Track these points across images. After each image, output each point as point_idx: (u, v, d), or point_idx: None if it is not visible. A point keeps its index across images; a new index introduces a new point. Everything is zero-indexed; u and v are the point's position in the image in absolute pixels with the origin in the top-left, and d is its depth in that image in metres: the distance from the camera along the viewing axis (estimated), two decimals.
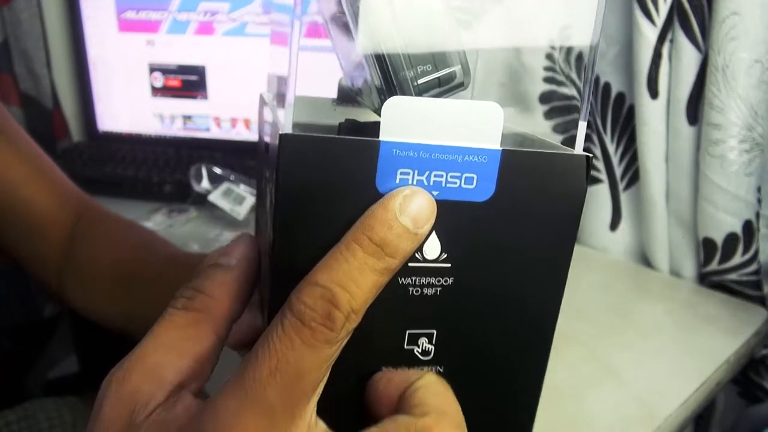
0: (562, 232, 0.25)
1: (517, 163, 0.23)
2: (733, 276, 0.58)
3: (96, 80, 0.96)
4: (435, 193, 0.23)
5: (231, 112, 0.94)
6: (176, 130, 0.97)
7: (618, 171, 0.67)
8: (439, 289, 0.24)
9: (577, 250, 0.79)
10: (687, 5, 0.53)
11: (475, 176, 0.23)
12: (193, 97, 0.94)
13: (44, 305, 1.04)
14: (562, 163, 0.24)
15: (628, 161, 0.66)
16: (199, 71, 0.93)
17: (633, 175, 0.66)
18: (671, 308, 0.59)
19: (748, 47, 0.50)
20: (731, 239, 0.57)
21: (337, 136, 0.22)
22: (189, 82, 0.93)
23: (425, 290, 0.24)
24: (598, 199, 0.69)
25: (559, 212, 0.25)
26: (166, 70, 0.94)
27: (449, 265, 0.24)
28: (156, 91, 0.95)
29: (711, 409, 0.64)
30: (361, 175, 0.22)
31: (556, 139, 0.71)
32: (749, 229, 0.56)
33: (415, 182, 0.23)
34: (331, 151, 0.22)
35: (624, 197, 0.67)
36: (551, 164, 0.24)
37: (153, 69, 0.94)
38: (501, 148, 0.23)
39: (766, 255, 0.59)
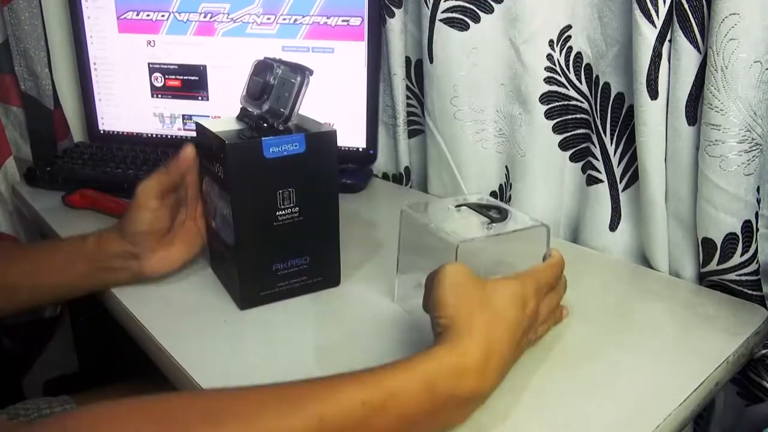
0: (332, 167, 0.58)
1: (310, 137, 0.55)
2: (732, 276, 0.58)
3: (96, 80, 0.97)
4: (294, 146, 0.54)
5: (231, 112, 0.94)
6: (176, 130, 0.97)
7: (618, 171, 0.67)
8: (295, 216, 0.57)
9: (577, 250, 0.79)
10: (686, 5, 0.53)
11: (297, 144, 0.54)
12: (194, 97, 0.94)
13: (44, 305, 1.04)
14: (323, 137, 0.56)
15: (627, 161, 0.66)
16: (199, 71, 0.93)
17: (632, 175, 0.66)
18: (671, 308, 0.59)
19: (747, 47, 0.50)
20: (730, 239, 0.57)
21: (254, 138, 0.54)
22: (189, 82, 0.94)
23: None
24: (598, 199, 0.69)
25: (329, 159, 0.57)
26: (166, 70, 0.94)
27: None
28: (156, 91, 0.95)
29: (710, 409, 0.64)
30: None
31: (556, 139, 0.71)
32: (748, 229, 0.56)
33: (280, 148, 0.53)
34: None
35: (624, 197, 0.67)
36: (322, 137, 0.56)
37: (153, 69, 0.94)
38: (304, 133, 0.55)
39: (766, 255, 0.59)
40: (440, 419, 0.42)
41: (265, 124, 0.55)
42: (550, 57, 0.69)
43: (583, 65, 0.68)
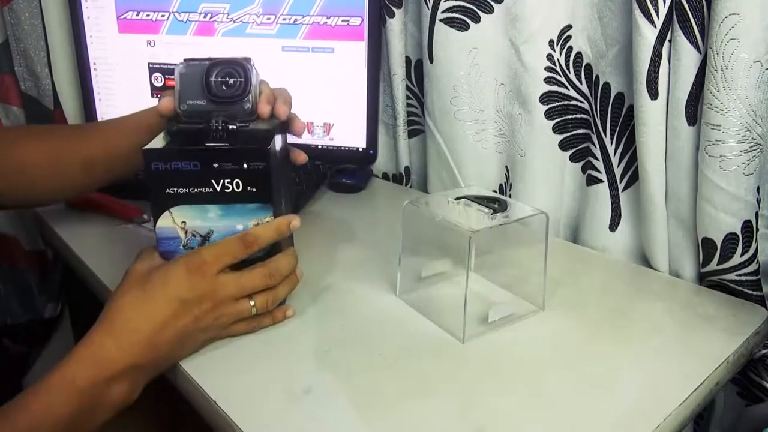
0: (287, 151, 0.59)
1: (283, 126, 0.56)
2: (732, 276, 0.58)
3: (96, 80, 0.96)
4: None
5: None
6: None
7: (618, 171, 0.67)
8: None
9: (577, 250, 0.79)
10: (686, 5, 0.53)
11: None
12: None
13: (44, 305, 1.04)
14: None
15: (627, 161, 0.66)
16: None
17: (632, 175, 0.66)
18: (671, 308, 0.59)
19: (747, 47, 0.50)
20: (730, 239, 0.57)
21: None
22: None
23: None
24: (598, 199, 0.69)
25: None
26: (166, 70, 0.94)
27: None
28: (156, 91, 0.95)
29: (710, 409, 0.64)
30: None
31: (556, 139, 0.71)
32: (748, 229, 0.56)
33: None
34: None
35: (624, 197, 0.67)
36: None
37: (153, 69, 0.94)
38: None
39: (766, 255, 0.59)
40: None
41: (231, 126, 0.51)
42: (550, 57, 0.69)
43: (583, 65, 0.68)
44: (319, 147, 0.92)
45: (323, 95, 0.89)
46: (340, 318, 0.57)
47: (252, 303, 0.51)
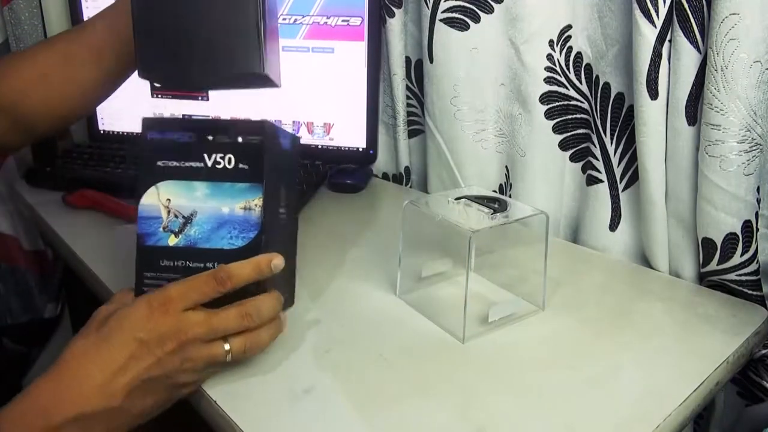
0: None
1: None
2: (732, 276, 0.58)
3: None
4: None
5: (231, 112, 0.94)
6: None
7: (618, 171, 0.67)
8: None
9: (577, 250, 0.79)
10: (686, 5, 0.53)
11: None
12: (194, 97, 0.94)
13: (44, 305, 1.04)
14: None
15: (627, 161, 0.66)
16: None
17: (632, 175, 0.66)
18: (671, 308, 0.59)
19: (747, 47, 0.50)
20: (730, 239, 0.57)
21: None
22: None
23: None
24: (598, 199, 0.69)
25: None
26: None
27: None
28: (156, 91, 0.95)
29: (710, 409, 0.64)
30: None
31: (556, 139, 0.71)
32: (748, 229, 0.56)
33: None
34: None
35: (624, 197, 0.67)
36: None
37: None
38: None
39: (766, 255, 0.59)
40: None
41: None
42: (550, 57, 0.69)
43: (583, 65, 0.68)
44: (319, 147, 0.92)
45: (323, 95, 0.89)
46: (340, 318, 0.57)
47: (227, 347, 0.45)
